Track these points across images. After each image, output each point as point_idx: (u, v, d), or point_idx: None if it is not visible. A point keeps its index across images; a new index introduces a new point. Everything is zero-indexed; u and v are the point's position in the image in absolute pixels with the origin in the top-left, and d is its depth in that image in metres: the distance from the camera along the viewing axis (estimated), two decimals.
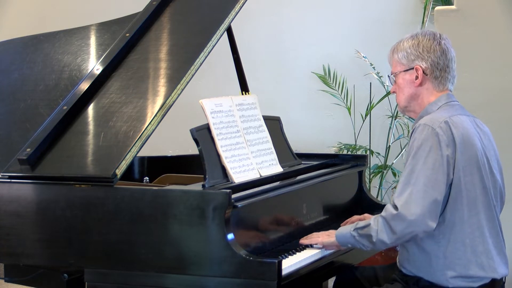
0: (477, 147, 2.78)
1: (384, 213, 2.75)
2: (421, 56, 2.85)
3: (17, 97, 3.37)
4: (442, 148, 2.71)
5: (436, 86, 2.87)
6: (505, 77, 4.05)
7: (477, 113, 3.49)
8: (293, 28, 5.66)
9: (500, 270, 2.80)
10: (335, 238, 2.90)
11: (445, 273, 2.76)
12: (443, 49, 2.86)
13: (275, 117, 3.51)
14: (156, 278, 2.79)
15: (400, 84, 2.91)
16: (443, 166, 2.70)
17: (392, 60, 2.94)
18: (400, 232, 2.71)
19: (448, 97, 2.89)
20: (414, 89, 2.88)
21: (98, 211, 2.85)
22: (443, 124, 2.74)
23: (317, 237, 3.00)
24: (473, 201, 2.75)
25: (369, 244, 2.79)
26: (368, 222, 2.79)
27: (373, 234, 2.75)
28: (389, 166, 5.14)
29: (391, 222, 2.72)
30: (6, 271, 3.23)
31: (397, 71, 2.91)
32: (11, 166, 3.01)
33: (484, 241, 2.76)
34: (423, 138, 2.73)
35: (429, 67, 2.85)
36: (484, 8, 4.06)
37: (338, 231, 2.90)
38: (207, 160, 2.97)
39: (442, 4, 4.98)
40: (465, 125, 2.79)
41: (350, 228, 2.85)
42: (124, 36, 3.40)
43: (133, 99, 3.11)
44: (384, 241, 2.75)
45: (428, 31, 2.92)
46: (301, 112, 5.56)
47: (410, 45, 2.87)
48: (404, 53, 2.88)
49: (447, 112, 2.81)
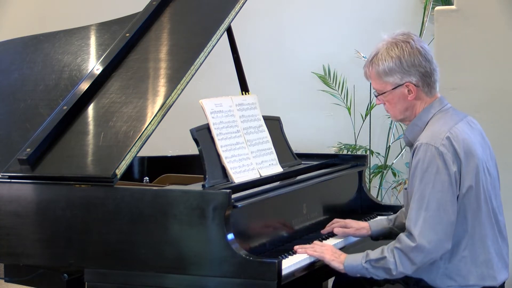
0: (479, 156, 2.74)
1: (399, 244, 2.70)
2: (408, 72, 2.78)
3: (17, 97, 3.37)
4: (449, 166, 2.67)
5: (429, 92, 2.82)
6: (505, 77, 4.04)
7: (477, 113, 3.50)
8: (293, 28, 5.65)
9: (500, 277, 2.78)
10: (344, 267, 2.81)
11: (444, 281, 2.75)
12: (424, 54, 2.78)
13: (275, 117, 3.51)
14: (156, 278, 2.79)
15: (391, 100, 2.83)
16: (452, 185, 2.67)
17: (372, 77, 2.84)
18: (420, 262, 2.68)
19: (441, 102, 2.84)
20: (409, 102, 2.82)
21: (98, 211, 2.85)
22: (445, 140, 2.69)
23: (322, 252, 2.89)
24: (476, 213, 2.72)
25: (385, 275, 2.74)
26: (381, 254, 2.72)
27: (392, 267, 2.69)
28: (389, 166, 5.14)
29: (410, 254, 2.67)
30: (6, 271, 3.23)
31: (385, 90, 2.82)
32: (11, 166, 3.01)
33: (486, 251, 2.75)
34: (428, 160, 2.68)
35: (420, 80, 2.79)
36: (484, 8, 4.05)
37: (348, 262, 2.80)
38: (207, 160, 2.97)
39: (442, 4, 4.97)
40: (465, 136, 2.74)
41: (361, 260, 2.77)
42: (124, 36, 3.40)
43: (133, 99, 3.11)
44: (404, 273, 2.71)
45: (398, 39, 2.80)
46: (301, 112, 5.56)
47: (392, 64, 2.77)
48: (388, 72, 2.78)
49: (444, 123, 2.76)
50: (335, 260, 2.84)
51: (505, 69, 4.04)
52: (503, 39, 4.03)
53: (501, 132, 3.96)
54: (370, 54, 2.87)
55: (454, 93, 3.98)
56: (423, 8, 5.10)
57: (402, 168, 5.12)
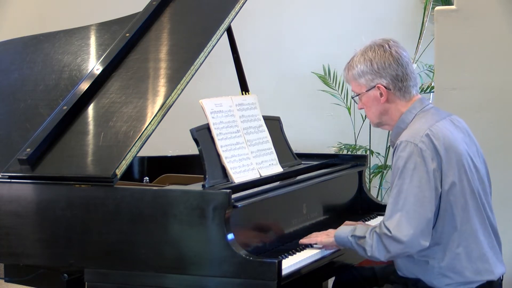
0: (461, 152, 2.75)
1: (378, 229, 2.73)
2: (379, 74, 2.82)
3: (17, 97, 3.37)
4: (427, 163, 2.69)
5: (402, 97, 2.84)
6: (505, 77, 4.04)
7: (477, 113, 3.50)
8: (293, 28, 5.65)
9: (497, 271, 2.79)
10: (334, 237, 2.90)
11: (441, 280, 2.76)
12: (396, 58, 2.82)
13: (275, 117, 3.51)
14: (156, 278, 2.79)
15: (366, 103, 2.89)
16: (429, 182, 2.68)
17: (349, 80, 2.91)
18: (394, 252, 2.71)
19: (421, 102, 2.86)
20: (382, 106, 2.86)
21: (98, 211, 2.85)
22: (424, 138, 2.72)
23: (316, 236, 3.00)
24: (464, 208, 2.73)
25: (364, 255, 2.79)
26: (364, 233, 2.77)
27: (368, 248, 2.74)
28: (389, 166, 5.13)
29: (385, 242, 2.70)
30: (6, 271, 3.23)
31: (359, 92, 2.88)
32: (11, 166, 3.01)
33: (479, 246, 2.75)
34: (406, 156, 2.71)
35: (391, 82, 2.82)
36: (484, 8, 4.05)
37: (337, 233, 2.89)
38: (207, 160, 2.97)
39: (442, 4, 4.98)
40: (446, 133, 2.76)
41: (348, 233, 2.83)
42: (124, 36, 3.40)
43: (133, 99, 3.11)
44: (378, 258, 2.75)
45: (374, 43, 2.87)
46: (301, 112, 5.56)
47: (364, 67, 2.83)
48: (359, 72, 2.85)
49: (425, 122, 2.78)
50: (327, 238, 2.94)
51: (505, 69, 4.03)
52: (503, 39, 4.03)
53: (501, 132, 3.96)
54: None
55: (454, 93, 3.98)
56: (423, 8, 5.10)
57: None
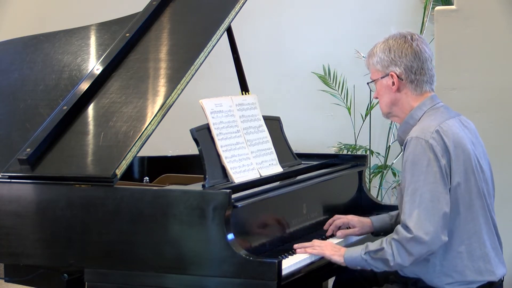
0: (469, 151, 2.76)
1: (397, 236, 2.71)
2: (394, 61, 2.84)
3: (17, 97, 3.37)
4: (439, 159, 2.70)
5: (413, 90, 2.85)
6: (505, 77, 4.04)
7: (477, 113, 3.50)
8: (293, 28, 5.65)
9: (498, 272, 2.79)
10: (344, 260, 2.82)
11: (442, 279, 2.76)
12: (416, 51, 2.84)
13: (275, 117, 3.51)
14: (156, 278, 2.79)
15: (379, 90, 2.91)
16: (443, 177, 2.69)
17: (369, 66, 2.94)
18: (418, 253, 2.69)
19: (432, 100, 2.87)
20: (393, 95, 2.87)
21: (98, 211, 2.85)
22: (434, 134, 2.72)
23: (321, 249, 2.89)
24: (469, 207, 2.74)
25: (384, 267, 2.75)
26: (380, 246, 2.74)
27: (390, 258, 2.71)
28: (389, 166, 5.14)
29: (407, 245, 2.68)
30: (6, 271, 3.23)
31: (374, 78, 2.91)
32: (11, 166, 3.01)
33: (482, 245, 2.76)
34: (418, 152, 2.71)
35: (403, 72, 2.84)
36: (484, 8, 4.05)
37: (348, 254, 2.82)
38: (207, 160, 2.97)
39: (442, 4, 4.98)
40: (455, 131, 2.77)
41: (360, 252, 2.78)
42: (124, 36, 3.40)
43: (133, 99, 3.11)
44: (402, 264, 2.72)
45: (399, 33, 2.90)
46: (301, 112, 5.56)
47: (382, 51, 2.87)
48: (378, 59, 2.88)
49: (435, 119, 2.79)
50: (335, 254, 2.85)
51: (505, 69, 4.04)
52: (503, 39, 4.03)
53: (501, 132, 3.96)
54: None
55: (454, 93, 3.98)
56: (423, 8, 5.10)
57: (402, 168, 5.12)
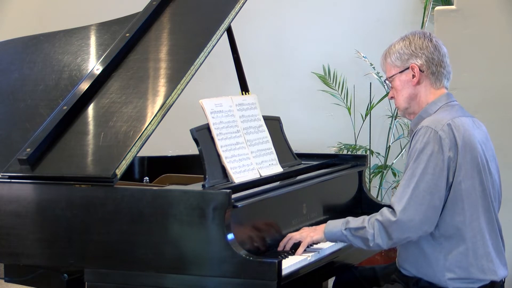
0: (478, 150, 2.77)
1: (381, 217, 2.73)
2: (415, 54, 2.86)
3: (17, 97, 3.37)
4: (444, 151, 2.70)
5: (434, 82, 2.88)
6: (505, 77, 4.05)
7: (477, 113, 3.50)
8: (293, 28, 5.66)
9: (500, 272, 2.80)
10: (324, 234, 2.87)
11: (445, 274, 2.76)
12: (435, 45, 2.88)
13: (275, 117, 3.51)
14: (156, 278, 2.79)
15: (397, 86, 2.90)
16: (443, 171, 2.70)
17: (385, 65, 2.95)
18: (397, 238, 2.72)
19: (448, 97, 2.89)
20: (413, 89, 2.88)
21: (98, 211, 2.85)
22: (445, 127, 2.74)
23: (300, 234, 2.93)
24: (473, 205, 2.74)
25: (363, 246, 2.79)
26: (362, 224, 2.77)
27: (370, 238, 2.74)
28: (389, 166, 5.14)
29: (388, 228, 2.71)
30: (6, 271, 3.23)
31: (392, 74, 2.91)
32: (11, 166, 3.01)
33: (485, 244, 2.76)
34: (425, 141, 2.72)
35: (425, 63, 2.86)
36: (484, 8, 4.06)
37: (328, 228, 2.87)
38: (207, 160, 2.97)
39: (442, 4, 4.98)
40: (467, 128, 2.78)
41: (341, 227, 2.82)
42: (124, 36, 3.40)
43: (133, 99, 3.11)
44: (380, 246, 2.75)
45: (417, 30, 2.94)
46: (301, 112, 5.56)
47: (402, 46, 2.89)
48: (397, 55, 2.89)
49: (449, 113, 2.81)
50: (314, 233, 2.90)
51: (505, 69, 4.04)
52: (503, 39, 4.04)
53: (501, 132, 3.97)
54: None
55: (454, 93, 3.95)
56: (423, 8, 5.10)
57: (402, 168, 5.12)
